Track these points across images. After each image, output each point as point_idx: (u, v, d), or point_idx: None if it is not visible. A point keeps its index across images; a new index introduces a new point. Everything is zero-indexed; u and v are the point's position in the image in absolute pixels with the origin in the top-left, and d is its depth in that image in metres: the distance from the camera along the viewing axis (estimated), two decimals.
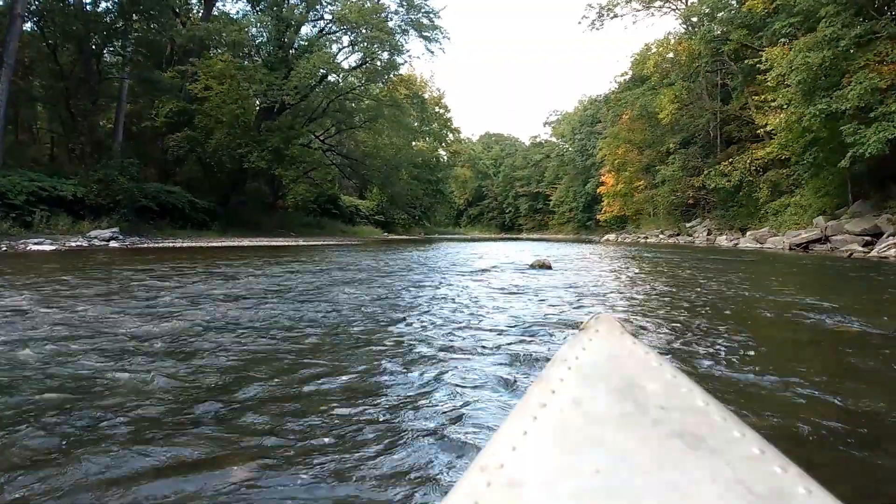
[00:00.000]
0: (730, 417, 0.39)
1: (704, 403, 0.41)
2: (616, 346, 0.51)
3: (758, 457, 0.34)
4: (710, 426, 0.38)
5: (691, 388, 0.43)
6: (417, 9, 25.08)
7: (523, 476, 0.34)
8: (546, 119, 69.88)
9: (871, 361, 2.45)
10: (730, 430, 0.37)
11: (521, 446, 0.37)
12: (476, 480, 0.34)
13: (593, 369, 0.46)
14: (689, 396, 0.42)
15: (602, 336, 0.53)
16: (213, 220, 20.03)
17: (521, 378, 2.06)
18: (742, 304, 4.28)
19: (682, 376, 0.45)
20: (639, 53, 31.62)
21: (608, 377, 0.44)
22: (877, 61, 12.94)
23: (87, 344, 2.49)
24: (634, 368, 0.46)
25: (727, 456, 0.34)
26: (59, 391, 1.82)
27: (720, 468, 0.33)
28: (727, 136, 26.14)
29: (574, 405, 0.41)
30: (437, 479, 1.28)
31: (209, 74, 20.29)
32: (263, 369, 2.16)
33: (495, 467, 0.35)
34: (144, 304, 3.71)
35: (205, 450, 1.38)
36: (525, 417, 0.40)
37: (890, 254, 10.90)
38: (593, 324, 0.56)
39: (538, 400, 0.42)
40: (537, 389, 0.43)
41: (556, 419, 0.39)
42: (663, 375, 0.44)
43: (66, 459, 1.32)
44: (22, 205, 13.18)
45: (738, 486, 0.31)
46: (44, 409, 1.65)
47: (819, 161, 16.05)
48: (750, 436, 0.37)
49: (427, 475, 1.30)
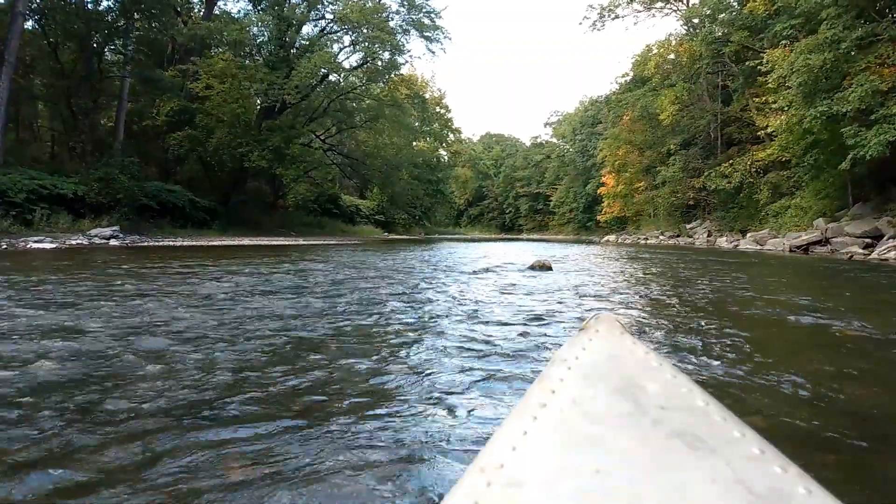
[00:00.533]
0: (730, 417, 0.39)
1: (704, 403, 0.41)
2: (616, 346, 0.51)
3: (758, 457, 0.34)
4: (710, 426, 0.38)
5: (691, 388, 0.43)
6: (419, 9, 25.11)
7: (523, 476, 0.34)
8: (547, 119, 70.05)
9: (871, 363, 2.45)
10: (730, 430, 0.37)
11: (521, 446, 0.37)
12: (476, 480, 0.34)
13: (593, 369, 0.46)
14: (689, 396, 0.42)
15: (602, 336, 0.54)
16: (214, 219, 20.06)
17: (522, 378, 2.07)
18: (742, 306, 4.28)
19: (682, 376, 0.45)
20: (640, 54, 31.65)
21: (608, 377, 0.45)
22: (878, 63, 12.95)
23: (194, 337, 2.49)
24: (634, 368, 0.46)
25: (727, 456, 0.34)
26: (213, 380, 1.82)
27: (720, 468, 0.33)
28: (728, 138, 26.14)
29: (574, 405, 0.41)
30: (435, 478, 1.28)
31: (210, 73, 20.31)
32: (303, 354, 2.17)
33: (495, 467, 0.35)
34: (185, 298, 3.71)
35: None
36: (525, 417, 0.40)
37: (890, 256, 10.90)
38: (593, 324, 0.56)
39: (538, 400, 0.42)
40: (537, 389, 0.44)
41: (556, 419, 0.39)
42: (663, 375, 0.45)
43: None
44: (22, 203, 13.19)
45: (738, 487, 0.31)
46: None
47: (819, 163, 16.05)
48: (750, 436, 0.37)
49: (424, 472, 1.30)
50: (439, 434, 1.54)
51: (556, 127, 63.01)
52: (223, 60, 20.64)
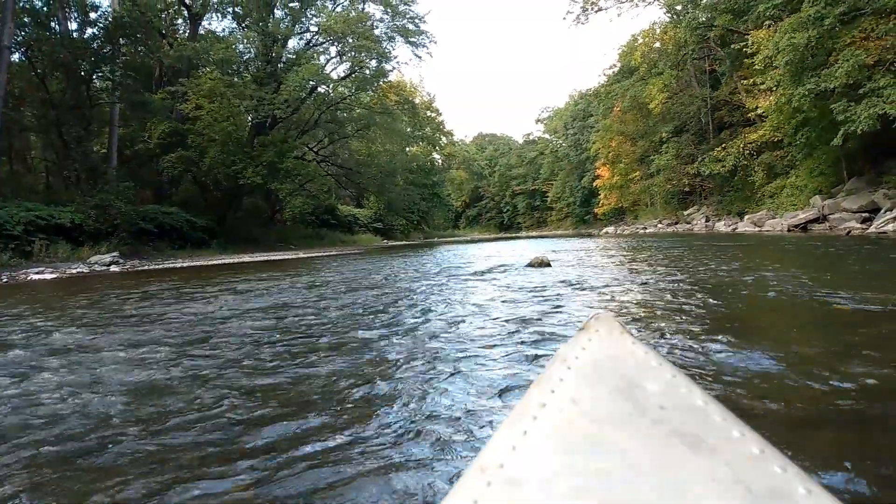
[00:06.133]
0: (729, 417, 0.39)
1: (704, 403, 0.41)
2: (616, 346, 0.52)
3: (757, 456, 0.34)
4: (710, 426, 0.38)
5: (691, 387, 0.43)
6: (402, 15, 25.18)
7: (523, 475, 0.34)
8: (538, 116, 69.94)
9: (872, 339, 2.46)
10: (729, 430, 0.38)
11: (521, 446, 0.37)
12: (476, 480, 0.34)
13: (593, 369, 0.47)
14: (689, 396, 0.42)
15: (602, 336, 0.54)
16: (212, 238, 20.05)
17: (521, 377, 2.07)
18: (740, 289, 4.28)
19: (681, 376, 0.45)
20: (626, 45, 31.76)
21: (608, 377, 0.45)
22: (863, 38, 12.96)
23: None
24: (634, 368, 0.46)
25: (727, 456, 0.34)
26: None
27: (720, 468, 0.33)
28: (719, 122, 26.18)
29: (574, 405, 0.41)
30: (434, 475, 1.29)
31: (199, 93, 20.34)
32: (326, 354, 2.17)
33: (495, 467, 0.35)
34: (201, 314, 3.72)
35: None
36: (525, 417, 0.40)
37: (888, 229, 10.91)
38: (593, 323, 0.57)
39: (538, 400, 0.42)
40: (537, 389, 0.44)
41: (555, 419, 0.40)
42: (663, 375, 0.45)
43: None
44: (21, 234, 13.19)
45: (738, 486, 0.31)
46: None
47: (812, 141, 16.08)
48: (749, 436, 0.37)
49: (424, 472, 1.30)
50: (438, 434, 1.54)
51: (547, 123, 63.10)
52: (211, 80, 20.67)
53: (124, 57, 19.95)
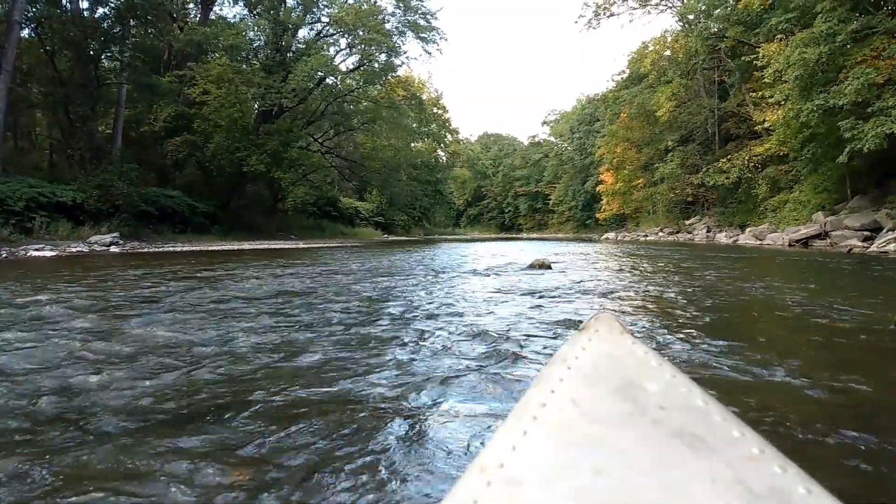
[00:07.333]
0: (729, 417, 0.39)
1: (704, 403, 0.41)
2: (616, 346, 0.52)
3: (757, 457, 0.34)
4: (710, 426, 0.38)
5: (691, 387, 0.43)
6: (414, 10, 25.13)
7: (523, 475, 0.34)
8: (544, 118, 69.81)
9: (870, 355, 2.46)
10: (729, 430, 0.38)
11: (521, 446, 0.37)
12: (476, 480, 0.34)
13: (593, 369, 0.47)
14: (689, 396, 0.42)
15: (602, 336, 0.54)
16: (214, 224, 20.05)
17: (520, 378, 2.07)
18: (740, 300, 4.29)
19: (681, 376, 0.45)
20: (636, 51, 31.67)
21: (608, 377, 0.45)
22: (874, 56, 12.94)
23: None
24: (634, 368, 0.46)
25: (727, 456, 0.34)
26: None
27: (720, 468, 0.33)
28: (725, 133, 26.13)
29: (574, 405, 0.41)
30: (432, 475, 1.29)
31: (207, 78, 20.31)
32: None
33: (495, 467, 0.35)
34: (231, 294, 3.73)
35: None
36: (525, 417, 0.40)
37: (889, 248, 10.90)
38: (593, 324, 0.57)
39: (538, 400, 0.42)
40: (537, 389, 0.44)
41: (555, 419, 0.40)
42: (663, 375, 0.45)
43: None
44: (22, 211, 13.20)
45: (738, 486, 0.31)
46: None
47: (817, 157, 16.05)
48: (749, 436, 0.37)
49: (423, 473, 1.31)
50: (437, 434, 1.54)
51: (553, 126, 62.97)
52: (220, 65, 20.63)
53: (134, 38, 19.94)
